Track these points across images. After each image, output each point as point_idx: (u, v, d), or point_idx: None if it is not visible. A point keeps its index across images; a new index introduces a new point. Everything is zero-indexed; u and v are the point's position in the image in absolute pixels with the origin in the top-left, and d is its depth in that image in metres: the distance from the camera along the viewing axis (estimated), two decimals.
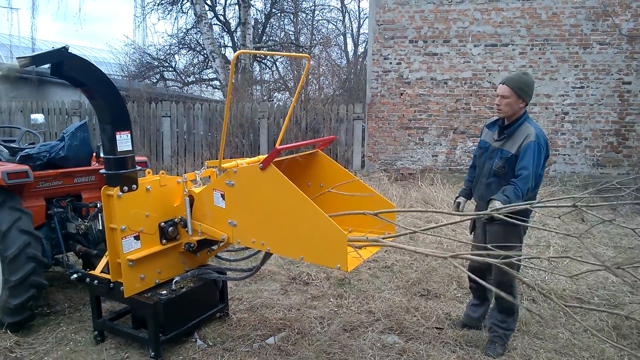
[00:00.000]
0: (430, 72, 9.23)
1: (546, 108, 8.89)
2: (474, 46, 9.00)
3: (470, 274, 2.27)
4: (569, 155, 8.94)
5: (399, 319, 3.59)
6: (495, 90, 3.16)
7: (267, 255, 2.94)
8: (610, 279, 4.44)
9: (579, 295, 4.09)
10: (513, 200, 2.74)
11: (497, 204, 2.67)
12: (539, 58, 8.78)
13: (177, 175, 3.35)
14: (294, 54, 10.92)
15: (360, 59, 17.79)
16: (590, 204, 2.62)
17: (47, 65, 2.60)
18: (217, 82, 16.66)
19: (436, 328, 3.50)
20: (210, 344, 3.24)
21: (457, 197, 3.44)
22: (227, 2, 17.50)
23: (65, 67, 2.63)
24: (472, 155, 3.57)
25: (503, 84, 3.00)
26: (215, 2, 17.19)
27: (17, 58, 2.50)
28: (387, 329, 3.48)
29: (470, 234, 3.46)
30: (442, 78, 9.19)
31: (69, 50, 2.62)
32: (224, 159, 2.98)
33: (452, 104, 9.23)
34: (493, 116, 5.91)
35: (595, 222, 6.43)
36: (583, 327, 3.51)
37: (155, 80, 16.88)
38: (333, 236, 2.33)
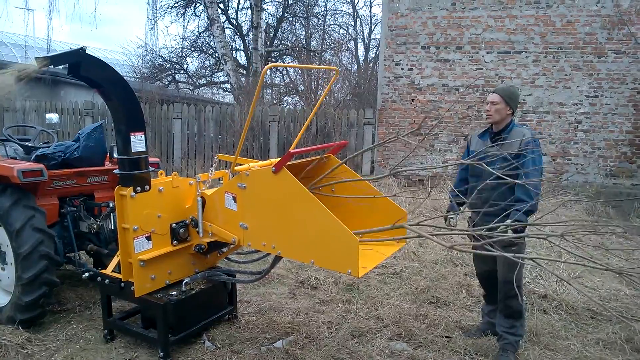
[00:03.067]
0: (442, 79, 9.20)
1: (559, 117, 8.82)
2: (487, 53, 8.96)
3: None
4: (581, 164, 8.84)
5: (407, 326, 3.57)
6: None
7: (277, 258, 2.94)
8: (623, 291, 4.37)
9: (590, 307, 4.03)
10: (533, 207, 2.95)
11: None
12: (553, 66, 8.72)
13: (187, 177, 3.38)
14: (322, 66, 10.94)
15: (371, 65, 17.81)
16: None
17: (61, 66, 2.63)
18: (228, 85, 16.77)
19: (445, 336, 3.46)
20: (219, 345, 3.24)
21: (447, 214, 3.36)
22: (240, 6, 17.67)
23: (83, 67, 2.66)
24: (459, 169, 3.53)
25: (494, 92, 3.22)
26: (228, 6, 17.37)
27: (35, 58, 2.53)
28: (395, 336, 3.45)
29: (471, 240, 3.40)
30: (454, 84, 9.16)
31: (86, 51, 2.65)
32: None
33: (463, 111, 9.19)
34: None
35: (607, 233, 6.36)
36: (595, 339, 3.46)
37: (167, 82, 17.04)
38: (345, 241, 2.32)
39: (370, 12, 28.80)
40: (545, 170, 8.49)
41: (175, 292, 3.07)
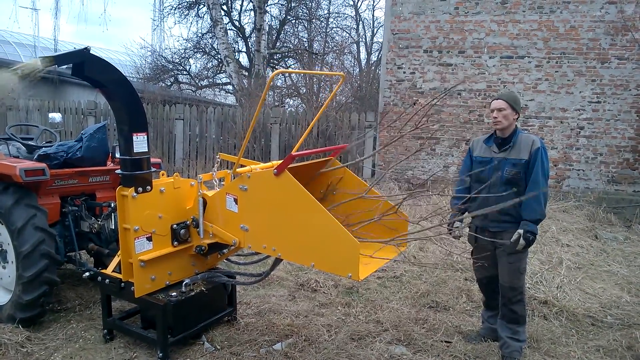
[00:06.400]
0: (444, 83, 9.20)
1: (561, 122, 8.80)
2: (489, 57, 8.96)
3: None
4: (583, 170, 8.82)
5: (407, 330, 3.56)
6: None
7: (278, 261, 2.94)
8: (624, 298, 4.36)
9: (591, 313, 4.02)
10: (542, 216, 3.01)
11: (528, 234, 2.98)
12: (556, 71, 8.71)
13: (188, 178, 3.38)
14: (328, 72, 10.95)
15: (373, 68, 17.81)
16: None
17: (65, 66, 2.64)
18: (230, 87, 16.79)
19: (445, 341, 3.46)
20: (218, 347, 3.24)
21: (451, 223, 3.31)
22: (243, 8, 17.72)
23: (87, 68, 2.67)
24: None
25: (498, 99, 3.19)
26: (231, 8, 17.40)
27: (40, 58, 2.54)
28: (395, 340, 3.45)
29: (474, 243, 3.38)
30: (456, 89, 9.16)
31: (90, 52, 2.66)
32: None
33: (465, 115, 9.19)
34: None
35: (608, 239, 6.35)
36: (595, 346, 3.44)
37: (169, 83, 17.07)
38: (345, 244, 2.32)
39: (372, 15, 28.91)
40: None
41: (175, 293, 3.07)
